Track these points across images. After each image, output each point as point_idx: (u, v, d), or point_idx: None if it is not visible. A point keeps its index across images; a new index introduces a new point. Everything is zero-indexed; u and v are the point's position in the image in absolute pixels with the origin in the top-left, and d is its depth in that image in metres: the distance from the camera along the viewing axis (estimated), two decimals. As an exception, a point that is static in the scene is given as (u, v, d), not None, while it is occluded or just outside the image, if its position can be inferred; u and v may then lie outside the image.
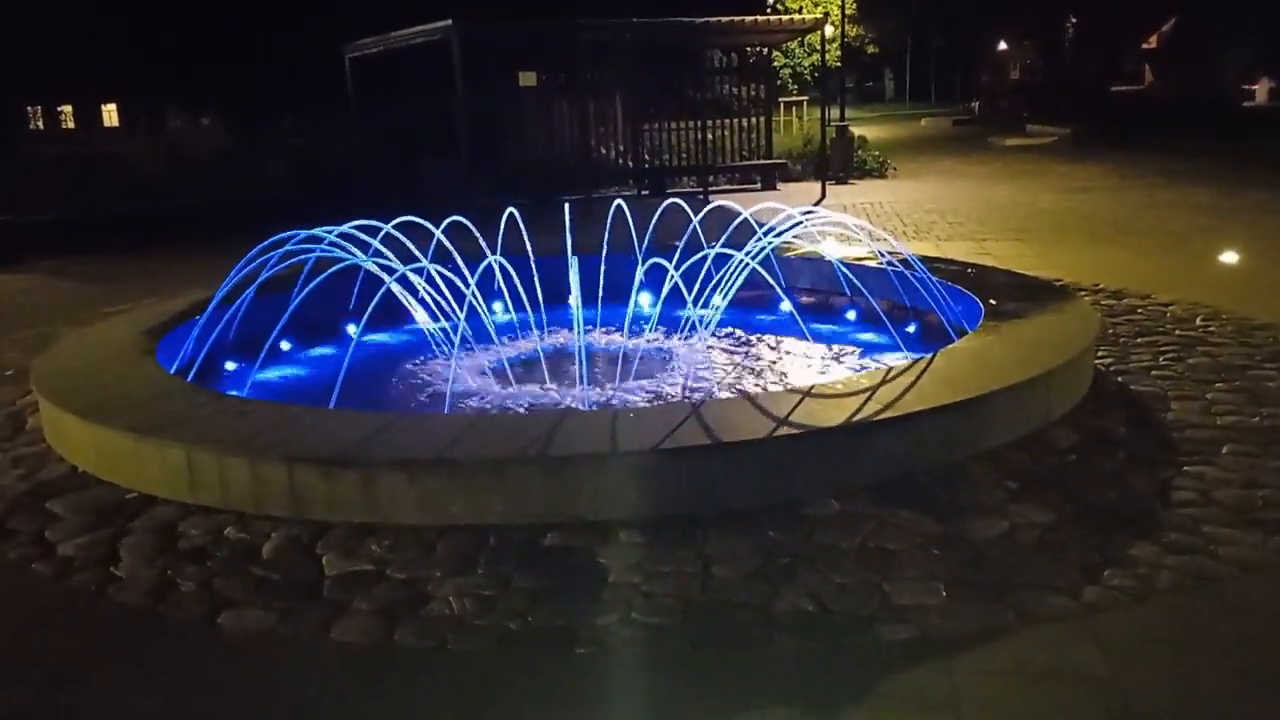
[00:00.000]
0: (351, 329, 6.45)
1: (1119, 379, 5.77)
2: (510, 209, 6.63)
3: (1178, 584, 3.44)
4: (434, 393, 5.81)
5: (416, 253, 6.30)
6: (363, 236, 6.24)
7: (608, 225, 7.19)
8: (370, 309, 5.53)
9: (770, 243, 6.51)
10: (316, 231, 6.11)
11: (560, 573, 3.63)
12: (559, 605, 3.42)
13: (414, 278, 6.06)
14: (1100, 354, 6.13)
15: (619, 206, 7.14)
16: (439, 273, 6.13)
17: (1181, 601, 3.36)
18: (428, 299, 6.20)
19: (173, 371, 5.59)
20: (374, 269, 5.99)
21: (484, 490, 4.01)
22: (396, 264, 5.99)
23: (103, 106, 46.96)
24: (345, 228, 6.21)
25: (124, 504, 4.37)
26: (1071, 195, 15.53)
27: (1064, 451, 4.63)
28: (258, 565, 3.79)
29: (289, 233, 6.05)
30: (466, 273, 5.95)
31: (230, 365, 6.39)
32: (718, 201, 7.02)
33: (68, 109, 46.21)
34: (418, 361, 6.55)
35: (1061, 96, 34.33)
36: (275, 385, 6.30)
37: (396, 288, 5.94)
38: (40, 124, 43.73)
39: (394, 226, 6.38)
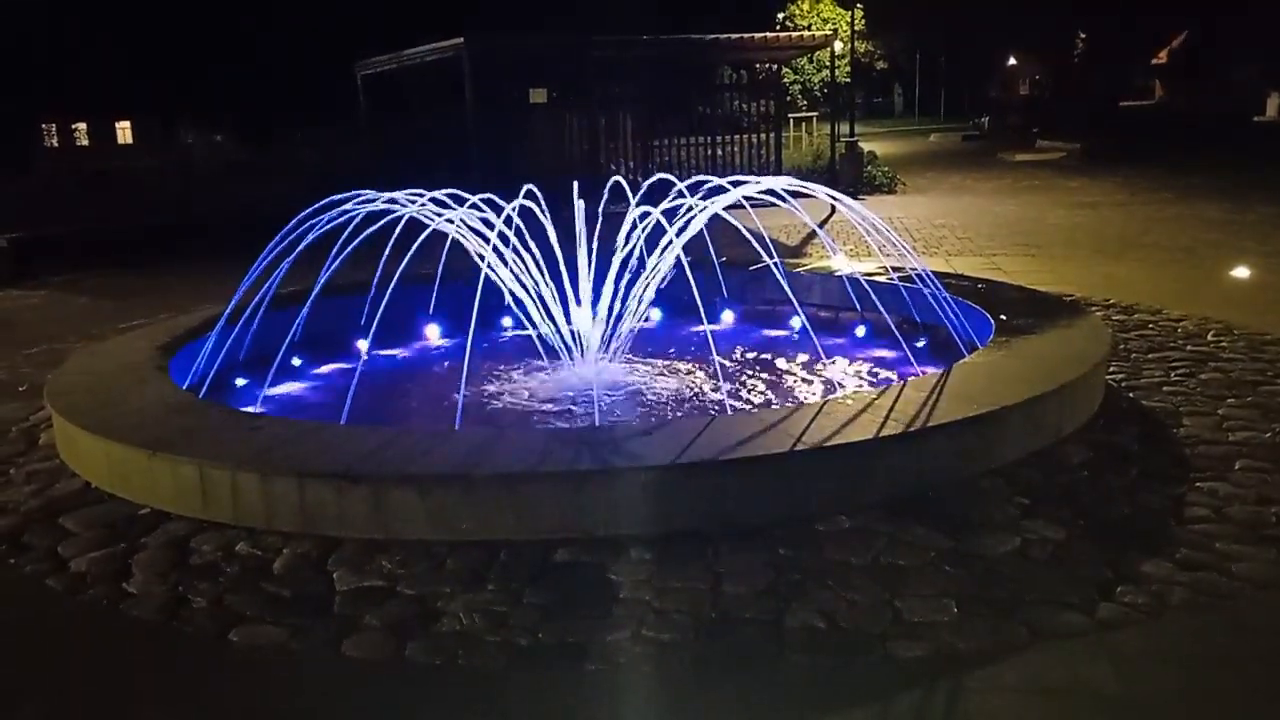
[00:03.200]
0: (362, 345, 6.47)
1: (1131, 394, 5.75)
2: (529, 185, 6.65)
3: (1191, 601, 3.43)
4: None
5: (452, 204, 6.37)
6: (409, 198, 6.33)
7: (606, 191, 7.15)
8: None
9: (732, 191, 6.48)
10: (364, 194, 6.21)
11: (571, 589, 3.63)
12: (570, 621, 3.42)
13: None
14: (1112, 369, 6.11)
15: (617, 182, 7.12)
16: (481, 218, 6.29)
17: (1195, 618, 3.34)
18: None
19: (189, 381, 5.62)
20: (423, 216, 6.13)
21: (495, 506, 4.01)
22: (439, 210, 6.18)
23: (117, 123, 47.33)
24: (398, 194, 6.28)
25: (136, 519, 4.38)
26: (1081, 210, 15.52)
27: (1076, 467, 4.62)
28: (269, 581, 3.79)
29: (341, 195, 6.12)
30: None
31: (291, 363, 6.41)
32: (698, 177, 6.98)
33: (82, 126, 46.58)
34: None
35: (1071, 112, 34.36)
36: (286, 399, 6.34)
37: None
38: (55, 141, 44.07)
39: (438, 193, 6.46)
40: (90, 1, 31.34)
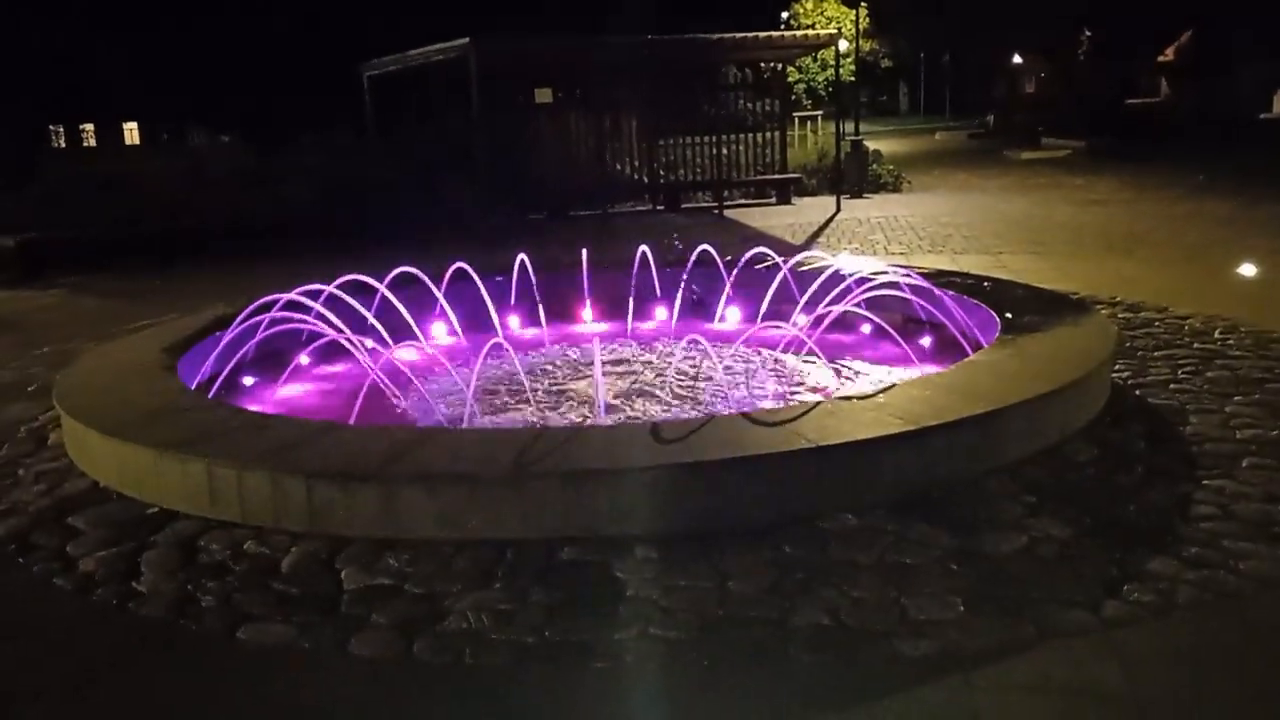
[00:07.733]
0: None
1: (1137, 392, 5.75)
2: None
3: (1198, 599, 3.42)
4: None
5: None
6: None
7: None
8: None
9: None
10: None
11: (577, 587, 3.64)
12: (576, 620, 3.43)
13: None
14: (1118, 367, 6.10)
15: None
16: None
17: (1202, 617, 3.34)
18: None
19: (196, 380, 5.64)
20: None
21: (502, 505, 4.03)
22: None
23: (124, 125, 47.45)
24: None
25: (145, 519, 4.40)
26: (1087, 208, 15.49)
27: (1082, 465, 4.62)
28: (277, 580, 3.81)
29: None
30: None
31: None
32: None
33: (89, 128, 46.70)
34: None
35: (1077, 110, 34.27)
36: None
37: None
38: (62, 143, 44.17)
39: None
40: (96, 4, 31.56)
